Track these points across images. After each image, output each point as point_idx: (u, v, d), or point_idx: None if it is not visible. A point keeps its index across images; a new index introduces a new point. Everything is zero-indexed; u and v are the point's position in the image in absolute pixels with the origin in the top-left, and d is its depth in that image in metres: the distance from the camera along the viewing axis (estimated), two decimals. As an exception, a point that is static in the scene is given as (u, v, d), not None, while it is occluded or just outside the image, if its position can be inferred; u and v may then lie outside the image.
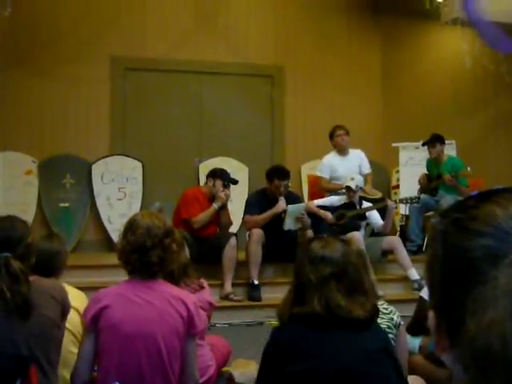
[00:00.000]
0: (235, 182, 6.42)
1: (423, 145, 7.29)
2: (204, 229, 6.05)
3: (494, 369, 0.59)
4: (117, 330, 2.47)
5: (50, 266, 2.96)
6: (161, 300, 2.53)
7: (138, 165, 8.17)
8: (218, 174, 6.30)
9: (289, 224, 6.00)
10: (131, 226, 2.61)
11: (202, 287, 3.64)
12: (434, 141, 7.11)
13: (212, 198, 6.19)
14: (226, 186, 6.22)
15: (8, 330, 2.30)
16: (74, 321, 2.87)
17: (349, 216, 6.27)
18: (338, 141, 6.88)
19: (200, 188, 6.55)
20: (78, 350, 2.63)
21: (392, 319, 2.92)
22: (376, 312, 2.06)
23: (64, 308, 2.48)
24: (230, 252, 5.88)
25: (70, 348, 2.86)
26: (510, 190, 0.72)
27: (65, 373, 2.72)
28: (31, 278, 2.49)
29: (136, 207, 7.86)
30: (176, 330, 2.49)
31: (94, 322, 2.50)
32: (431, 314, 0.73)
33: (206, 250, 5.69)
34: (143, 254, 2.53)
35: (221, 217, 6.23)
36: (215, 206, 6.09)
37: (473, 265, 0.67)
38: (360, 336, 1.99)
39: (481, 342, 0.61)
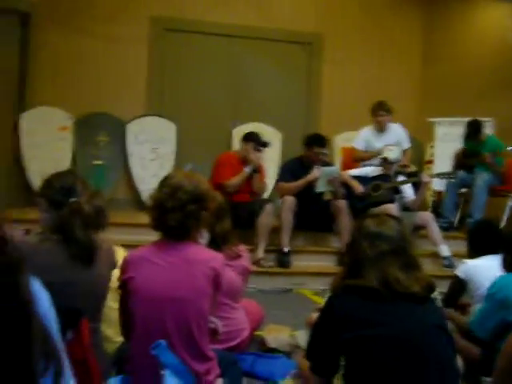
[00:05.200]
0: (266, 145, 6.31)
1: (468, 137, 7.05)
2: (237, 194, 6.04)
3: None
4: (140, 295, 2.43)
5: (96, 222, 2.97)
6: (185, 262, 2.46)
7: (172, 126, 8.18)
8: (249, 137, 6.27)
9: (321, 186, 6.00)
10: (162, 183, 2.55)
11: (239, 256, 3.62)
12: (477, 131, 6.89)
13: (245, 162, 6.17)
14: (257, 149, 6.19)
15: (70, 277, 2.29)
16: (113, 276, 2.89)
17: (384, 188, 6.23)
18: (377, 121, 6.82)
19: (233, 153, 6.48)
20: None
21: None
22: (431, 288, 2.06)
23: (113, 267, 2.50)
24: (266, 219, 5.90)
25: (110, 303, 2.89)
26: None
27: (104, 327, 2.76)
28: None
29: (168, 168, 7.87)
30: (202, 291, 2.44)
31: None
32: None
33: (241, 216, 5.68)
34: (162, 214, 2.46)
35: (253, 181, 6.19)
36: (246, 170, 6.08)
37: None
38: (418, 308, 1.99)
39: None
